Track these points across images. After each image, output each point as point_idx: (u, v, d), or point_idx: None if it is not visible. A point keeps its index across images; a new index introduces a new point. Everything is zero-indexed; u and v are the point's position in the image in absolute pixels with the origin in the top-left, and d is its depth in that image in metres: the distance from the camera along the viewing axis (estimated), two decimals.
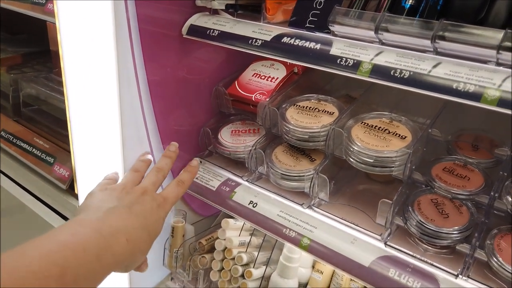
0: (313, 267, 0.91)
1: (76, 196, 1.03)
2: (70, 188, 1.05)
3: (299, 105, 0.90)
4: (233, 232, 0.94)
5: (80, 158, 1.01)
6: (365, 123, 0.82)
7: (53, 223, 1.05)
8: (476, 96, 0.54)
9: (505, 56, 0.56)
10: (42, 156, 1.11)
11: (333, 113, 0.87)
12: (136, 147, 0.93)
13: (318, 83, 1.05)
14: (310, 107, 0.89)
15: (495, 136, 0.84)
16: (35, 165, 1.10)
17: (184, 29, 0.85)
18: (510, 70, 0.56)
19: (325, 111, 0.88)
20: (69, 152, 1.02)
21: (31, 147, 1.14)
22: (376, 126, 0.81)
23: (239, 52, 0.80)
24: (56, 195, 1.07)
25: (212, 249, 0.98)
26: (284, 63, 0.98)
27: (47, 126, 1.20)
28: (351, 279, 0.84)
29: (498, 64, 0.58)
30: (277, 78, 0.94)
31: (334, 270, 0.86)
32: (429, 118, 0.85)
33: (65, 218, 1.06)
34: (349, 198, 0.86)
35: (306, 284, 0.89)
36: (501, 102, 0.53)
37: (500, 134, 0.82)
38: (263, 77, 0.95)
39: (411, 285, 0.67)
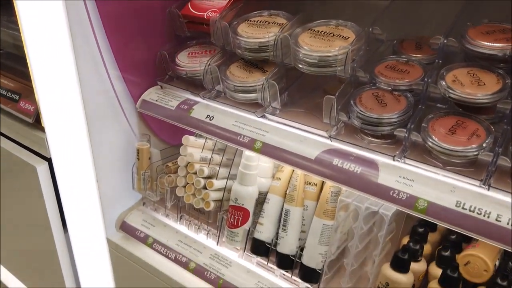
0: (273, 177, 0.96)
1: (42, 129, 1.06)
2: (37, 122, 1.07)
3: (251, 20, 0.91)
4: (195, 149, 0.97)
5: (43, 92, 1.03)
6: (312, 29, 0.84)
7: (21, 156, 1.08)
8: None
9: None
10: (7, 95, 1.12)
11: (282, 24, 0.88)
12: (94, 78, 0.95)
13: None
14: (261, 21, 0.90)
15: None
16: (1, 104, 1.12)
17: None
18: None
19: (275, 23, 0.89)
20: (33, 87, 1.04)
21: None
22: (322, 31, 0.83)
23: None
24: (24, 130, 1.09)
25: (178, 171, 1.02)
26: None
27: (12, 67, 1.21)
28: (305, 182, 0.88)
29: None
30: None
31: (291, 175, 0.90)
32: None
33: (33, 152, 1.09)
34: (304, 109, 0.89)
35: (267, 192, 0.93)
36: None
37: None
38: None
39: (353, 170, 0.71)
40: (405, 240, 0.84)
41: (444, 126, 0.69)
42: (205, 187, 0.94)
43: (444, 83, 0.70)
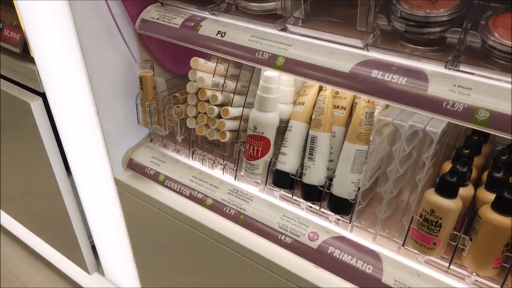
0: (294, 103, 0.85)
1: (32, 60, 0.94)
2: (25, 52, 0.95)
3: None
4: (206, 73, 0.86)
5: (27, 17, 0.90)
6: None
7: (12, 92, 0.98)
8: None
9: None
10: None
11: None
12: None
13: None
14: None
15: None
16: None
17: None
18: None
19: None
20: (16, 13, 0.91)
21: None
22: None
23: None
24: (12, 63, 0.98)
25: (187, 102, 0.91)
26: None
27: None
28: (334, 106, 0.78)
29: None
30: None
31: (316, 98, 0.80)
32: None
33: (25, 87, 0.98)
34: (331, 18, 0.76)
35: (288, 120, 0.83)
36: None
37: None
38: None
39: (396, 82, 0.61)
40: (446, 166, 0.75)
41: (507, 23, 0.57)
42: (219, 116, 0.84)
43: None
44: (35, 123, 0.99)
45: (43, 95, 0.97)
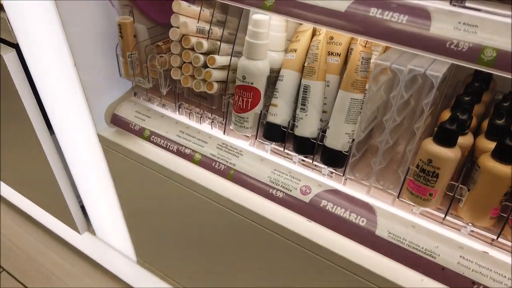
0: (286, 50, 0.80)
1: (1, 7, 0.87)
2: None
3: None
4: (190, 19, 0.80)
5: None
6: None
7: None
8: None
9: None
10: None
11: None
12: None
13: None
14: None
15: None
16: None
17: None
18: None
19: None
20: None
21: None
22: None
23: None
24: None
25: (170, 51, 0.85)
26: None
27: None
28: (328, 52, 0.73)
29: None
30: None
31: (309, 44, 0.74)
32: None
33: (5, 42, 0.92)
34: None
35: (280, 69, 0.78)
36: None
37: None
38: None
39: (396, 21, 0.56)
40: (445, 116, 0.72)
41: None
42: (205, 66, 0.79)
43: None
44: (10, 77, 0.93)
45: (16, 47, 0.91)
